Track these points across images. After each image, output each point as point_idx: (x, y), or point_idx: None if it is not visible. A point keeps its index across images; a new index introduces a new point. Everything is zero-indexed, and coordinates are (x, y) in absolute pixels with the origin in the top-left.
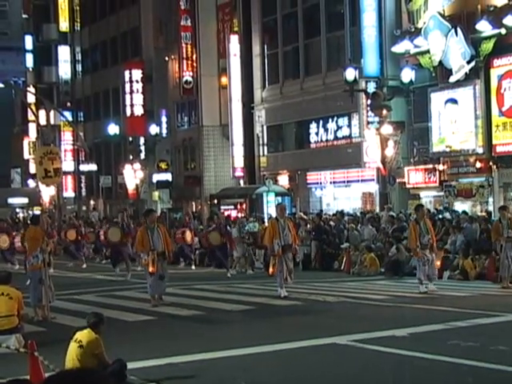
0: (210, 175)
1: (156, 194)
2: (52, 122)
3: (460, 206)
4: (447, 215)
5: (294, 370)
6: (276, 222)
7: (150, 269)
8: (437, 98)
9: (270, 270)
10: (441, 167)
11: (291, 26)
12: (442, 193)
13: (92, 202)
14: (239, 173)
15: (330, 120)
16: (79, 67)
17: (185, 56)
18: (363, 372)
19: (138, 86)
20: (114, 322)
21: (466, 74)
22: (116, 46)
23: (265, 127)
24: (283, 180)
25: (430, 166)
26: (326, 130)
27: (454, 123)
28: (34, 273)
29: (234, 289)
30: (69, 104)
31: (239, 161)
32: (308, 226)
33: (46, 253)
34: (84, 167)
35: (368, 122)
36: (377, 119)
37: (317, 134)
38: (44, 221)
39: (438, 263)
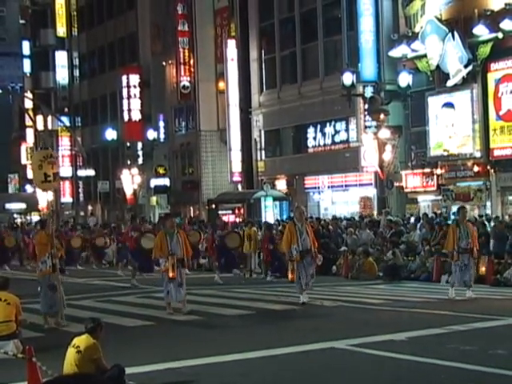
0: (208, 180)
1: (154, 199)
2: (49, 127)
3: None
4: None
5: (293, 375)
6: (293, 226)
7: (170, 274)
8: (434, 102)
9: (290, 276)
10: (438, 171)
11: (288, 30)
12: (440, 197)
13: (90, 208)
14: (237, 177)
15: (328, 124)
16: (77, 72)
17: (182, 61)
18: (362, 376)
19: (136, 91)
20: (113, 327)
21: (463, 78)
22: (113, 51)
23: (262, 132)
24: (281, 184)
25: (428, 170)
26: (324, 134)
27: (451, 127)
28: (43, 279)
29: (232, 294)
30: (66, 109)
31: (237, 165)
32: None
33: (56, 258)
34: (82, 172)
35: (365, 127)
36: (374, 123)
37: (314, 138)
38: (50, 225)
39: (484, 269)
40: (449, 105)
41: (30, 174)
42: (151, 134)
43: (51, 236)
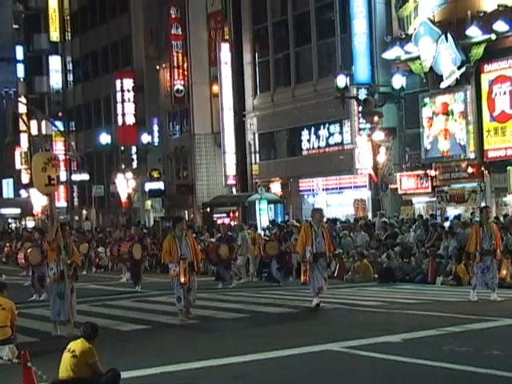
0: (203, 183)
1: (148, 202)
2: (44, 131)
3: (452, 211)
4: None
5: (288, 377)
6: (309, 228)
7: (182, 279)
8: (428, 104)
9: (302, 277)
10: (433, 173)
11: (282, 33)
12: (435, 198)
13: (84, 212)
14: (231, 181)
15: (322, 127)
16: (70, 77)
17: (176, 64)
18: (357, 379)
19: (130, 95)
20: (108, 331)
21: (456, 79)
22: (107, 56)
23: (256, 135)
24: (276, 187)
25: (422, 171)
26: (318, 136)
27: (445, 129)
28: (52, 286)
29: (226, 297)
30: (60, 114)
31: (231, 169)
32: None
33: (65, 264)
34: (76, 177)
35: (359, 129)
36: (368, 126)
37: (309, 141)
38: (54, 232)
39: (505, 272)
40: (442, 106)
41: (24, 179)
42: (145, 138)
43: (57, 242)
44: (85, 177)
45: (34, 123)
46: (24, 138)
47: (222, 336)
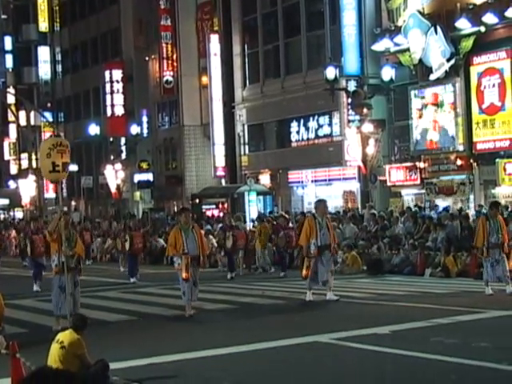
0: (192, 175)
1: (137, 194)
2: (32, 122)
3: (441, 203)
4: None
5: (277, 369)
6: (313, 220)
7: (184, 275)
8: (417, 96)
9: (304, 272)
10: (422, 165)
11: (271, 25)
12: (423, 190)
13: (73, 203)
14: (220, 172)
15: (311, 119)
16: (59, 68)
17: (165, 56)
18: (345, 370)
19: (119, 86)
20: (97, 322)
21: (446, 71)
22: (96, 46)
23: (246, 126)
24: (265, 179)
25: (411, 163)
26: (307, 128)
27: (434, 121)
28: (53, 278)
29: (217, 288)
30: (49, 104)
31: (220, 160)
32: (290, 224)
33: (67, 256)
34: None
35: (349, 121)
36: (357, 117)
37: (298, 132)
38: (56, 223)
39: None
40: (431, 99)
41: (13, 170)
42: (134, 129)
43: (59, 233)
44: (73, 168)
45: (22, 114)
46: (13, 128)
47: (211, 327)
